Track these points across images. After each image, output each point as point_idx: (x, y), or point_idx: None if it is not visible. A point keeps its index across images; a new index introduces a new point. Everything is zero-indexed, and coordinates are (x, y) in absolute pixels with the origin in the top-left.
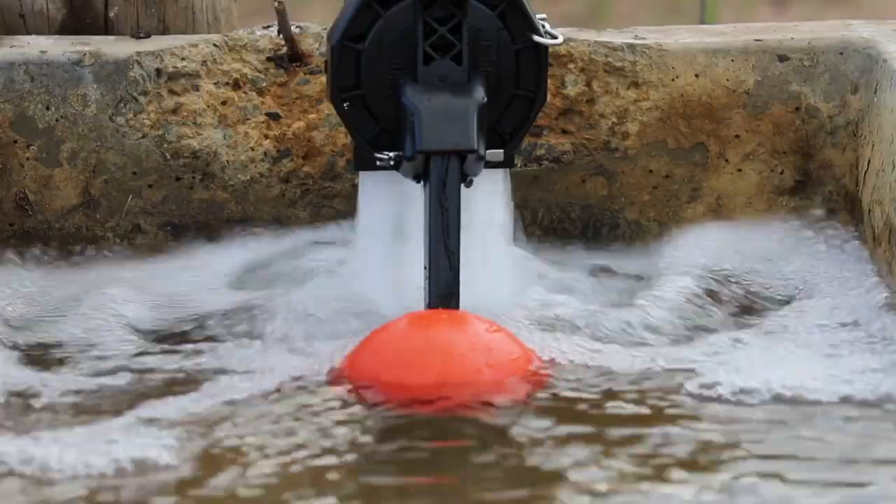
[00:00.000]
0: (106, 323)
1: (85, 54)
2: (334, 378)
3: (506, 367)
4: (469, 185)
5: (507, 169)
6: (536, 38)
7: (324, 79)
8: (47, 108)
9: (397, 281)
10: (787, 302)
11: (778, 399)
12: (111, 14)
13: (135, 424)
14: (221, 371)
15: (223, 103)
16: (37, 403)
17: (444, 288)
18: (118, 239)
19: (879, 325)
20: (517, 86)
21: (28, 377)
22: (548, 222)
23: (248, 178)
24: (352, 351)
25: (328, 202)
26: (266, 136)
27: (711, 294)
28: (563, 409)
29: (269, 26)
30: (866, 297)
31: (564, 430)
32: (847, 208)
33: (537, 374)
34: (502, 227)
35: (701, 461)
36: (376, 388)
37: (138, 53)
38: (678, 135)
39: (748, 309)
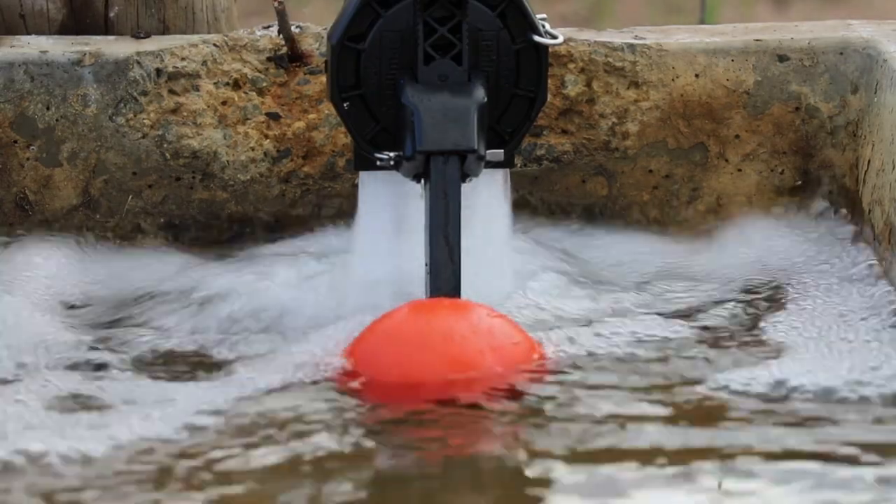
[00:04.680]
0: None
1: (85, 54)
2: (337, 367)
3: (508, 350)
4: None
5: (507, 169)
6: (536, 38)
7: (324, 79)
8: (47, 108)
9: (397, 276)
10: (785, 301)
11: (780, 395)
12: (111, 14)
13: (135, 416)
14: (225, 363)
15: (223, 103)
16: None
17: (445, 283)
18: (118, 239)
19: (878, 324)
20: (517, 86)
21: None
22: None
23: (248, 178)
24: (354, 339)
25: (328, 202)
26: (266, 136)
27: (712, 288)
28: (564, 394)
29: (269, 26)
30: (865, 296)
31: (567, 413)
32: (847, 208)
33: (539, 359)
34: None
35: (711, 450)
36: (378, 376)
37: (138, 53)
38: (678, 135)
39: (748, 305)
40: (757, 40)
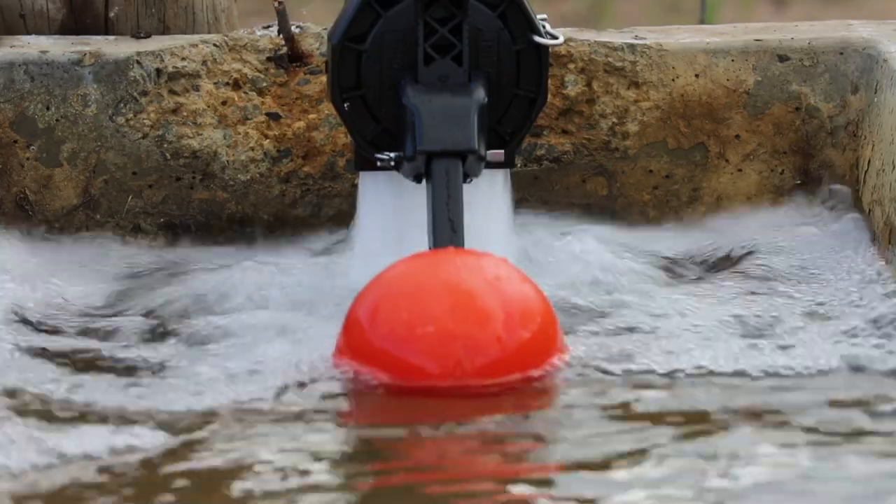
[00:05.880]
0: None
1: (85, 54)
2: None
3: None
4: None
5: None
6: (537, 38)
7: (324, 79)
8: (47, 108)
9: None
10: (786, 301)
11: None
12: (111, 14)
13: (131, 414)
14: (223, 363)
15: (223, 103)
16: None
17: None
18: (118, 239)
19: (877, 323)
20: (518, 86)
21: None
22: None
23: (248, 178)
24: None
25: (328, 202)
26: (266, 136)
27: (717, 284)
28: (571, 383)
29: (269, 26)
30: (866, 296)
31: (575, 402)
32: (847, 208)
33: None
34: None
35: (724, 436)
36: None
37: (138, 53)
38: (678, 135)
39: (755, 305)
40: (757, 40)
